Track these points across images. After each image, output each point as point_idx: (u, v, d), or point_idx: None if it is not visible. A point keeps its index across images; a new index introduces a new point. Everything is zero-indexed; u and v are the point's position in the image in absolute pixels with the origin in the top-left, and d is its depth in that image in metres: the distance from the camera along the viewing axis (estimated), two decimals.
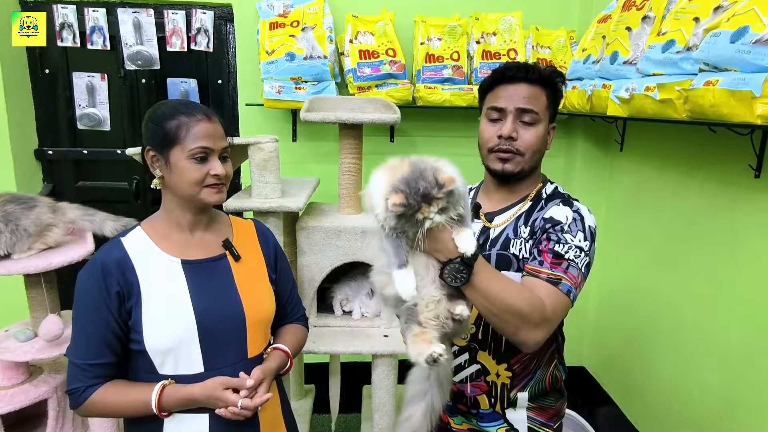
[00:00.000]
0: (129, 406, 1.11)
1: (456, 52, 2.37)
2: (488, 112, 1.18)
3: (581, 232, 1.10)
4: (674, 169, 2.01)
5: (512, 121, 1.14)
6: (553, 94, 1.18)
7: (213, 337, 1.14)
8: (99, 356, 1.10)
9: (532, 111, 1.13)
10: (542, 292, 1.03)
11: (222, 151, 1.15)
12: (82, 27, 2.44)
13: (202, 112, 1.14)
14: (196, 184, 1.12)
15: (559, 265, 1.06)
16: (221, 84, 2.60)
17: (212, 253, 1.20)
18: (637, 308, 2.29)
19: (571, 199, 1.20)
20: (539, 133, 1.15)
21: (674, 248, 2.02)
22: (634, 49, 1.80)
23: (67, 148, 2.61)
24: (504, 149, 1.15)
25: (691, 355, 1.90)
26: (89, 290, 1.09)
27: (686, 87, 1.42)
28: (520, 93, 1.13)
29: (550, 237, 1.10)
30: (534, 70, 1.14)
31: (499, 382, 1.22)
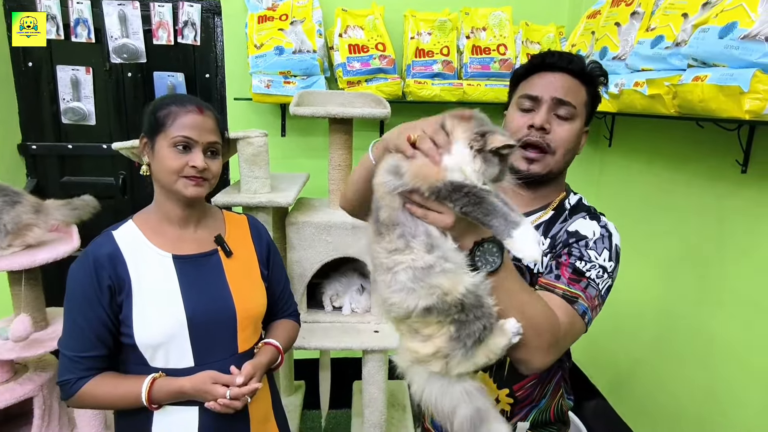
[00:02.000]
0: (119, 397, 1.11)
1: (446, 47, 2.37)
2: (520, 100, 1.03)
3: (607, 250, 0.98)
4: (662, 164, 2.03)
5: (547, 111, 1.00)
6: (593, 92, 1.05)
7: (203, 332, 1.14)
8: (90, 349, 1.10)
9: (570, 104, 0.99)
10: (557, 308, 0.89)
11: (208, 145, 1.13)
12: (65, 19, 2.40)
13: (194, 104, 1.13)
14: (172, 173, 1.10)
15: (578, 282, 0.93)
16: (209, 78, 2.57)
17: (204, 248, 1.19)
18: (625, 303, 2.31)
19: (598, 213, 1.08)
20: (575, 129, 1.01)
21: (662, 243, 2.03)
22: (623, 45, 1.81)
23: (52, 142, 2.56)
24: (533, 142, 1.00)
25: (677, 349, 1.93)
26: (81, 283, 1.10)
27: (675, 82, 1.42)
28: (558, 83, 1.00)
29: (572, 252, 0.98)
30: (577, 60, 1.01)
31: (498, 408, 1.09)
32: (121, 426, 1.21)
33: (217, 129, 1.17)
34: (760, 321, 1.55)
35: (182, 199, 1.15)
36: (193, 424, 1.14)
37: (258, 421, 1.24)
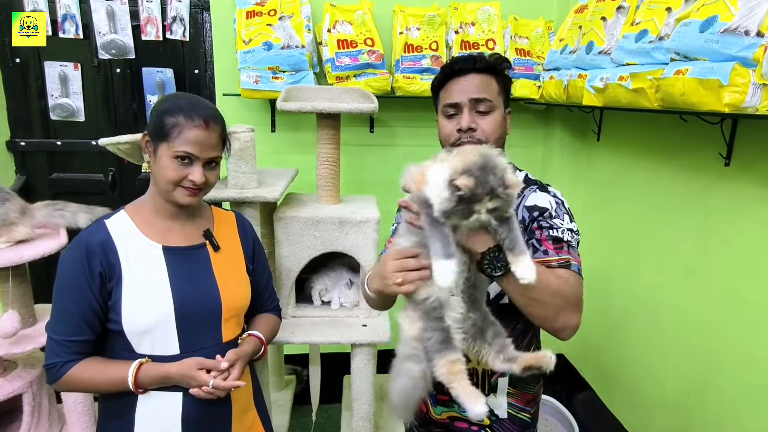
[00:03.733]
0: (106, 381, 1.14)
1: (435, 41, 2.37)
2: (444, 109, 1.18)
3: (566, 215, 1.13)
4: (649, 158, 2.04)
5: (468, 112, 1.14)
6: (502, 80, 1.19)
7: (189, 321, 1.18)
8: (78, 333, 1.14)
9: (485, 99, 1.13)
10: (565, 274, 1.04)
11: (209, 159, 1.17)
12: (53, 15, 2.38)
13: (202, 118, 1.14)
14: (171, 183, 1.15)
15: (561, 248, 1.07)
16: (198, 74, 2.56)
17: (193, 241, 1.24)
18: (612, 295, 2.33)
19: (544, 185, 1.20)
20: (497, 119, 1.15)
21: (649, 236, 2.05)
22: (609, 39, 1.82)
23: (41, 139, 2.55)
24: (466, 141, 1.14)
25: (663, 340, 1.95)
26: (72, 269, 1.13)
27: (658, 76, 1.43)
28: (471, 84, 1.14)
29: (541, 225, 1.10)
30: (480, 59, 1.15)
31: (480, 369, 1.23)
32: (105, 410, 1.24)
33: (220, 142, 1.21)
34: (743, 311, 1.57)
35: (174, 204, 1.19)
36: (177, 409, 1.18)
37: (240, 409, 1.28)
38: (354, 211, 1.80)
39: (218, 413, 1.23)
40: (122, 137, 1.41)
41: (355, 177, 2.62)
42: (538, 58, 2.44)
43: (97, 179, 2.61)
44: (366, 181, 2.65)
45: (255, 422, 1.36)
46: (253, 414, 1.36)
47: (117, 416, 1.20)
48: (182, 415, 1.18)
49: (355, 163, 2.60)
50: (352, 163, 2.59)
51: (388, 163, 2.63)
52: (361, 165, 2.63)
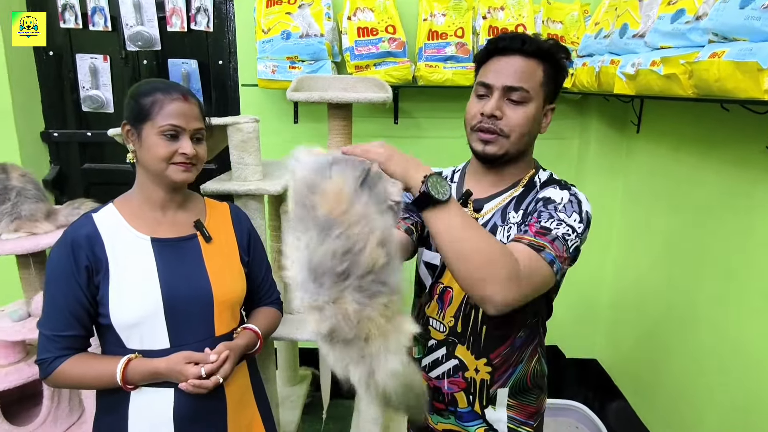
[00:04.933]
0: (95, 377, 1.13)
1: (461, 28, 2.25)
2: (477, 87, 1.09)
3: (577, 214, 1.01)
4: (690, 151, 1.86)
5: (498, 98, 1.04)
6: (553, 70, 1.06)
7: (179, 314, 1.16)
8: (67, 328, 1.13)
9: (521, 89, 1.02)
10: (520, 252, 0.91)
11: (195, 131, 1.16)
12: (83, 8, 2.44)
13: (178, 92, 1.15)
14: (162, 161, 1.13)
15: (545, 235, 0.96)
16: (222, 64, 2.55)
17: (183, 232, 1.22)
18: (651, 299, 2.15)
19: (569, 185, 1.10)
20: (529, 113, 1.04)
21: (689, 235, 1.87)
22: (645, 21, 1.66)
23: (73, 130, 2.63)
24: (485, 128, 1.05)
25: (701, 353, 1.77)
26: (59, 264, 1.13)
27: (691, 60, 1.28)
28: (511, 67, 1.03)
29: (541, 214, 1.01)
30: (530, 42, 1.03)
31: (478, 378, 1.16)
32: (101, 404, 1.24)
33: (201, 115, 1.20)
34: None
35: (170, 184, 1.17)
36: (168, 404, 1.16)
37: (235, 404, 1.25)
38: None
39: (212, 409, 1.21)
40: None
41: None
42: (573, 44, 2.28)
43: (125, 169, 2.66)
44: None
45: (254, 419, 1.33)
46: (253, 410, 1.33)
47: (112, 410, 1.19)
48: (174, 411, 1.16)
49: None
50: None
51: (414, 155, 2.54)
52: None
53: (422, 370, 1.23)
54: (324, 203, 0.70)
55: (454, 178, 1.23)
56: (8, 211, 1.69)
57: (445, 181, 0.87)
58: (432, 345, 1.20)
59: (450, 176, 1.24)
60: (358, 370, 0.76)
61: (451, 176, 1.24)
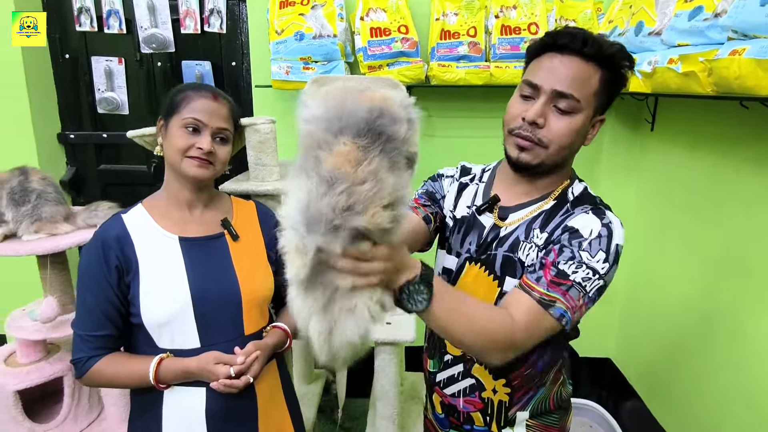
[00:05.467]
0: (128, 377, 1.15)
1: (473, 27, 2.25)
2: (522, 85, 0.99)
3: (603, 252, 0.92)
4: (708, 149, 1.85)
5: (544, 103, 0.94)
6: (611, 78, 0.95)
7: (208, 313, 1.17)
8: (100, 328, 1.15)
9: (571, 97, 0.92)
10: (522, 311, 0.88)
11: (218, 130, 1.17)
12: (98, 11, 2.46)
13: (209, 91, 1.18)
14: (179, 152, 1.14)
15: (559, 286, 0.90)
16: (235, 66, 2.57)
17: (210, 231, 1.23)
18: (666, 298, 2.15)
19: (603, 207, 1.01)
20: (574, 125, 0.94)
21: (706, 235, 1.86)
22: (661, 18, 1.65)
23: (89, 132, 2.66)
24: (523, 135, 0.96)
25: (718, 352, 1.77)
26: (90, 264, 1.15)
27: (710, 58, 1.27)
28: (565, 69, 0.92)
29: (562, 250, 0.93)
30: (592, 43, 0.91)
31: (496, 399, 1.09)
32: (135, 403, 1.26)
33: (230, 117, 1.21)
34: None
35: (188, 180, 1.18)
36: (200, 404, 1.17)
37: (266, 403, 1.25)
38: None
39: (243, 407, 1.22)
40: (146, 129, 1.43)
41: None
42: None
43: (141, 170, 2.69)
44: None
45: (284, 417, 1.33)
46: (283, 409, 1.33)
47: (146, 411, 1.21)
48: (206, 409, 1.17)
49: None
50: None
51: (426, 155, 2.55)
52: None
53: (437, 385, 1.18)
54: (331, 160, 0.66)
55: (483, 177, 1.17)
56: (29, 213, 1.72)
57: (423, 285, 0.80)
58: (448, 360, 1.15)
59: (479, 175, 1.18)
60: (318, 323, 0.73)
61: (480, 175, 1.18)
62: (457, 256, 1.12)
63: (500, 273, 1.04)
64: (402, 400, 1.78)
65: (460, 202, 1.16)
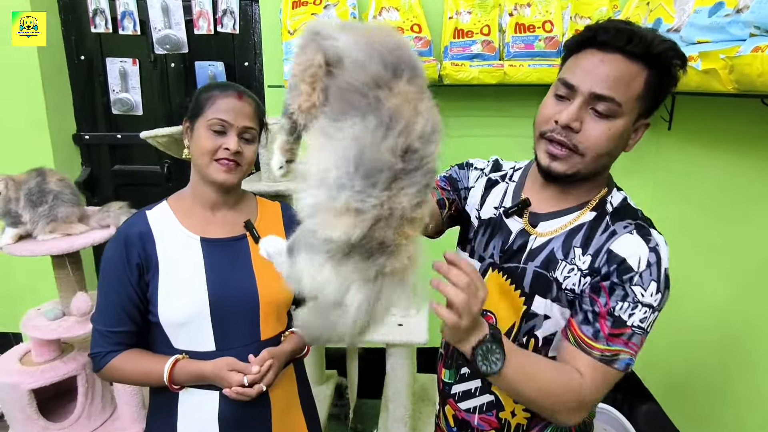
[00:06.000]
0: (144, 374, 1.15)
1: (487, 25, 2.23)
2: (557, 84, 0.90)
3: (655, 282, 0.86)
4: (726, 148, 1.81)
5: (580, 105, 0.85)
6: (656, 80, 0.85)
7: (225, 316, 1.15)
8: (119, 324, 1.15)
9: (611, 100, 0.83)
10: (586, 369, 0.86)
11: (243, 129, 1.16)
12: (113, 12, 2.48)
13: (234, 90, 1.17)
14: (206, 155, 1.13)
15: (620, 336, 0.86)
16: (248, 66, 2.57)
17: (233, 232, 1.21)
18: (682, 300, 2.10)
19: (647, 225, 0.93)
20: (614, 130, 0.85)
21: (724, 236, 1.82)
22: (680, 15, 1.62)
23: (103, 132, 2.68)
24: (557, 140, 0.88)
25: (738, 352, 1.73)
26: (112, 260, 1.14)
27: (732, 55, 1.24)
28: (606, 69, 0.83)
29: (614, 289, 0.87)
30: (639, 40, 0.82)
31: (514, 422, 1.03)
32: (154, 402, 1.26)
33: (255, 116, 1.20)
34: None
35: (215, 184, 1.17)
36: (213, 408, 1.16)
37: (281, 410, 1.24)
38: None
39: (256, 414, 1.20)
40: (160, 130, 1.43)
41: None
42: None
43: (154, 171, 2.70)
44: None
45: (300, 426, 1.31)
46: (299, 417, 1.31)
47: (162, 411, 1.21)
48: (219, 414, 1.16)
49: None
50: None
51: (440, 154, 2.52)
52: None
53: (451, 397, 1.11)
54: (393, 100, 0.60)
55: (514, 176, 1.09)
56: (45, 213, 1.73)
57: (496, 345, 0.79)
58: (465, 374, 1.07)
59: (510, 174, 1.10)
60: (360, 293, 0.64)
61: (510, 174, 1.10)
62: (480, 261, 1.05)
63: (529, 290, 0.97)
64: (413, 402, 1.76)
65: (488, 201, 1.09)
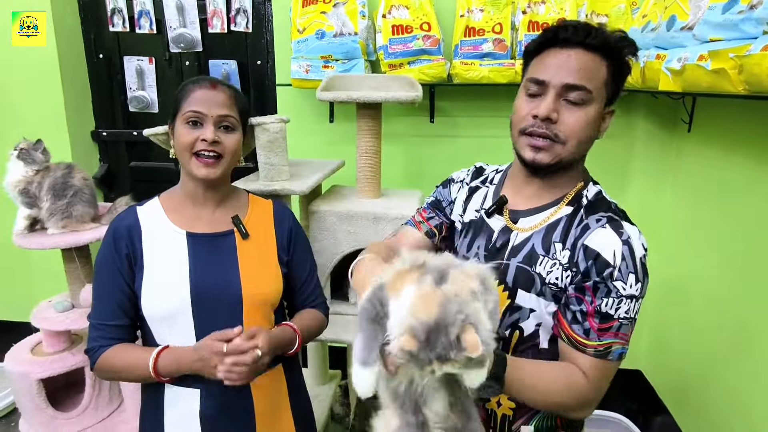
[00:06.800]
0: (131, 366, 1.13)
1: (499, 24, 2.18)
2: (527, 84, 0.96)
3: (632, 273, 0.90)
4: (747, 152, 1.72)
5: (554, 98, 0.91)
6: (617, 68, 0.93)
7: (207, 312, 1.15)
8: (113, 317, 1.15)
9: (583, 88, 0.90)
10: (585, 368, 0.92)
11: (220, 118, 1.14)
12: (130, 12, 2.53)
13: (208, 81, 1.16)
14: (185, 150, 1.13)
15: (608, 330, 0.90)
16: (260, 64, 2.59)
17: (220, 228, 1.21)
18: (697, 306, 2.02)
19: (618, 217, 0.96)
20: (589, 116, 0.91)
21: (742, 242, 1.74)
22: (694, 12, 1.54)
23: (120, 129, 2.74)
24: (538, 133, 0.93)
25: (755, 364, 1.64)
26: (104, 254, 1.16)
27: (741, 54, 1.17)
28: (571, 63, 0.90)
29: (598, 287, 0.91)
30: (596, 34, 0.90)
31: (500, 412, 1.05)
32: (144, 400, 1.26)
33: (233, 104, 1.17)
34: None
35: (198, 180, 1.16)
36: (195, 404, 1.16)
37: (265, 408, 1.22)
38: (390, 207, 1.71)
39: (238, 411, 1.19)
40: (159, 128, 1.44)
41: (414, 169, 2.51)
42: None
43: (169, 168, 2.75)
44: (425, 174, 2.53)
45: (287, 425, 1.29)
46: (284, 416, 1.29)
47: (151, 407, 1.21)
48: (200, 412, 1.16)
49: (414, 154, 2.49)
50: (412, 155, 2.48)
51: (449, 156, 2.49)
52: (419, 157, 2.51)
53: None
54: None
55: (495, 179, 1.14)
56: (62, 208, 1.77)
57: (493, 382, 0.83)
58: None
59: (491, 177, 1.15)
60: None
61: (492, 177, 1.15)
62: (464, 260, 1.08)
63: (512, 285, 1.00)
64: None
65: (469, 206, 1.13)
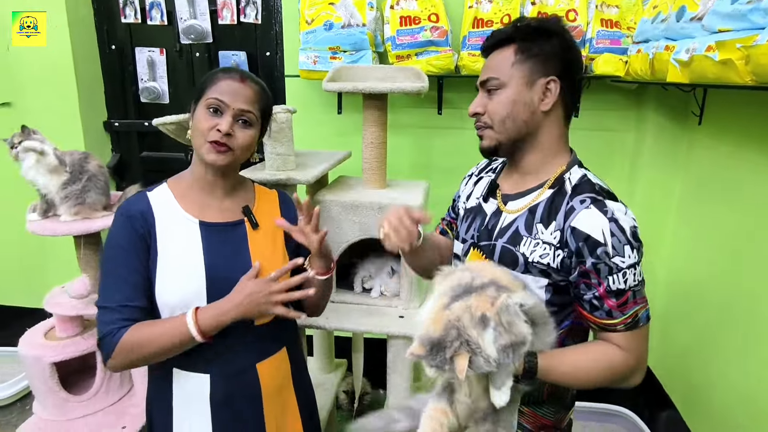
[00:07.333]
0: (165, 334, 1.09)
1: (507, 15, 2.16)
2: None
3: (626, 245, 0.95)
4: (759, 147, 1.70)
5: (480, 95, 1.10)
6: (525, 46, 1.03)
7: (221, 299, 1.15)
8: (133, 298, 1.11)
9: (490, 78, 1.06)
10: (621, 342, 0.98)
11: (240, 112, 1.14)
12: (142, 3, 2.56)
13: (238, 73, 1.17)
14: (200, 135, 1.13)
15: (627, 303, 0.97)
16: (269, 56, 2.60)
17: (231, 218, 1.22)
18: (707, 303, 2.00)
19: (602, 197, 0.99)
20: (503, 98, 1.05)
21: (754, 238, 1.72)
22: (704, 2, 1.52)
23: (132, 120, 2.77)
24: (478, 126, 1.11)
25: (765, 362, 1.63)
26: (118, 236, 1.14)
27: (748, 44, 1.16)
28: (486, 65, 1.09)
29: (599, 269, 0.95)
30: (494, 35, 1.08)
31: None
32: (151, 385, 1.28)
33: (256, 101, 1.18)
34: None
35: (207, 165, 1.17)
36: (205, 388, 1.18)
37: (272, 389, 1.25)
38: (395, 197, 1.72)
39: (246, 393, 1.22)
40: (169, 117, 1.46)
41: (422, 161, 2.52)
42: (629, 30, 2.14)
43: (178, 158, 2.79)
44: (433, 165, 2.53)
45: (292, 405, 1.33)
46: (289, 396, 1.32)
47: (160, 392, 1.23)
48: (210, 395, 1.18)
49: (422, 146, 2.50)
50: (420, 146, 2.49)
51: (457, 147, 2.49)
52: (427, 148, 2.52)
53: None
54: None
55: (497, 168, 1.25)
56: (76, 193, 1.80)
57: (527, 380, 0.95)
58: None
59: (495, 166, 1.27)
60: None
61: (496, 167, 1.27)
62: (462, 243, 1.20)
63: (498, 264, 1.07)
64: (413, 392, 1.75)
65: (473, 194, 1.24)
